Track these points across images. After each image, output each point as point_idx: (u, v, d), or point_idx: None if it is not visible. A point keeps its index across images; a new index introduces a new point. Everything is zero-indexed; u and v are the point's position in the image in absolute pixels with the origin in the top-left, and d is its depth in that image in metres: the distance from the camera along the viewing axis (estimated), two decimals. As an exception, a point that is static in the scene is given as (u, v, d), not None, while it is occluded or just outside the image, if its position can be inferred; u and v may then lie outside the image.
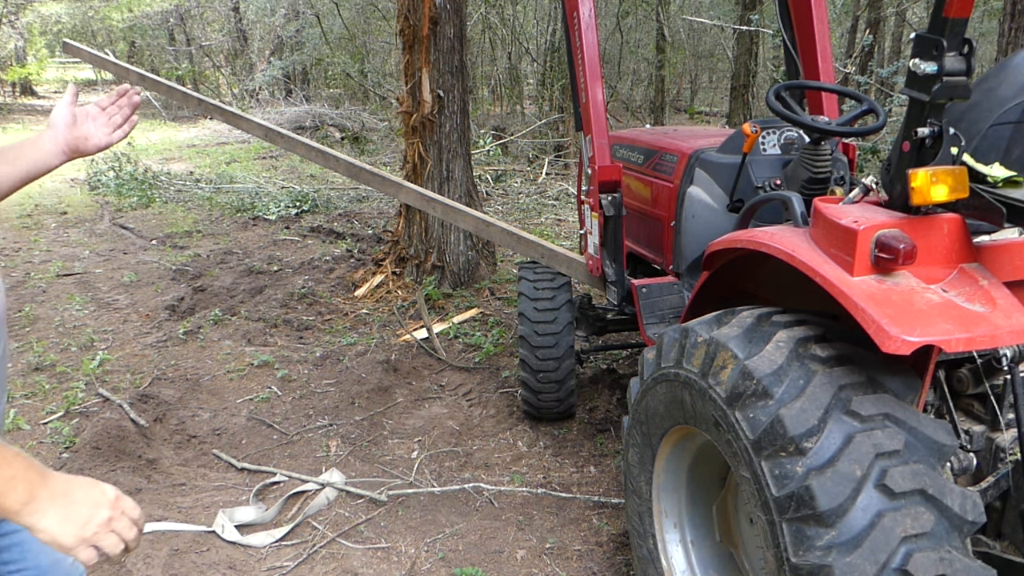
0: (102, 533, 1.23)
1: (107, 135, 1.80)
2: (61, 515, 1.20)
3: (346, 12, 15.03)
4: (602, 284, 3.53)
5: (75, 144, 1.77)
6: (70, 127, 1.76)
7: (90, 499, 1.24)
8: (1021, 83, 1.97)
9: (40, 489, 1.20)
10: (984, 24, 13.28)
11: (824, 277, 1.75)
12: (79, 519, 1.21)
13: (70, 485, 1.24)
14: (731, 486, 2.26)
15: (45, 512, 1.20)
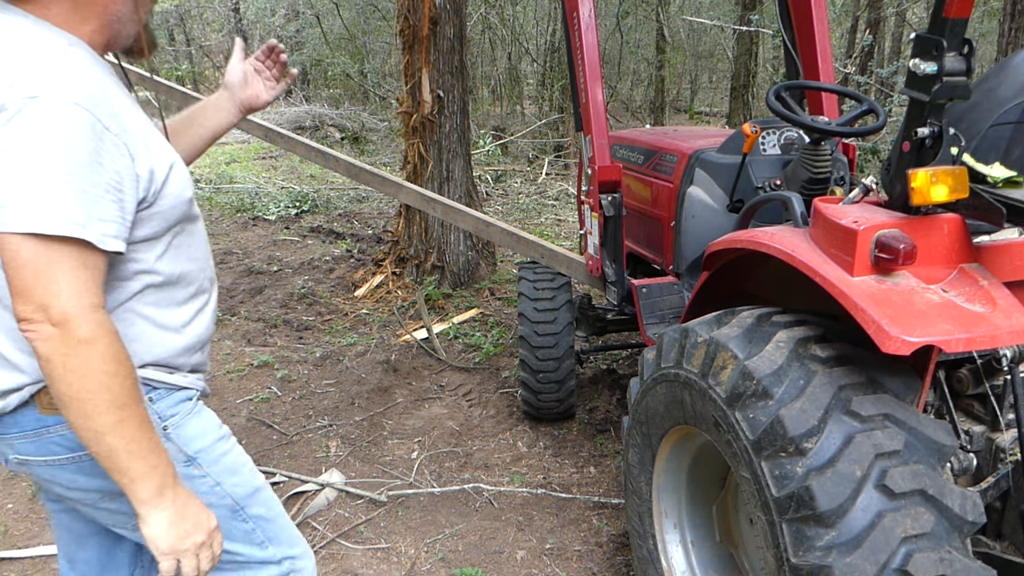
0: (190, 552, 1.33)
1: (270, 89, 1.92)
2: (170, 521, 1.30)
3: (346, 12, 15.03)
4: (602, 284, 3.53)
5: (248, 102, 1.90)
6: (243, 86, 1.88)
7: (197, 519, 1.34)
8: (1021, 83, 1.97)
9: (168, 489, 1.30)
10: (984, 24, 13.29)
11: (824, 277, 1.75)
12: (181, 532, 1.31)
13: (188, 499, 1.34)
14: (731, 486, 2.26)
15: (161, 512, 1.30)
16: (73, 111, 1.22)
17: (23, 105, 1.20)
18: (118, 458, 1.27)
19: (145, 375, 1.44)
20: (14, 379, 1.35)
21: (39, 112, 1.20)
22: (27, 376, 1.35)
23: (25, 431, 1.39)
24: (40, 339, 1.22)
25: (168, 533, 1.30)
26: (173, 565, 1.32)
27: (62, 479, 1.44)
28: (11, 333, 1.34)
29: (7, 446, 1.43)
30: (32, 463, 1.42)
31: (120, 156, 1.28)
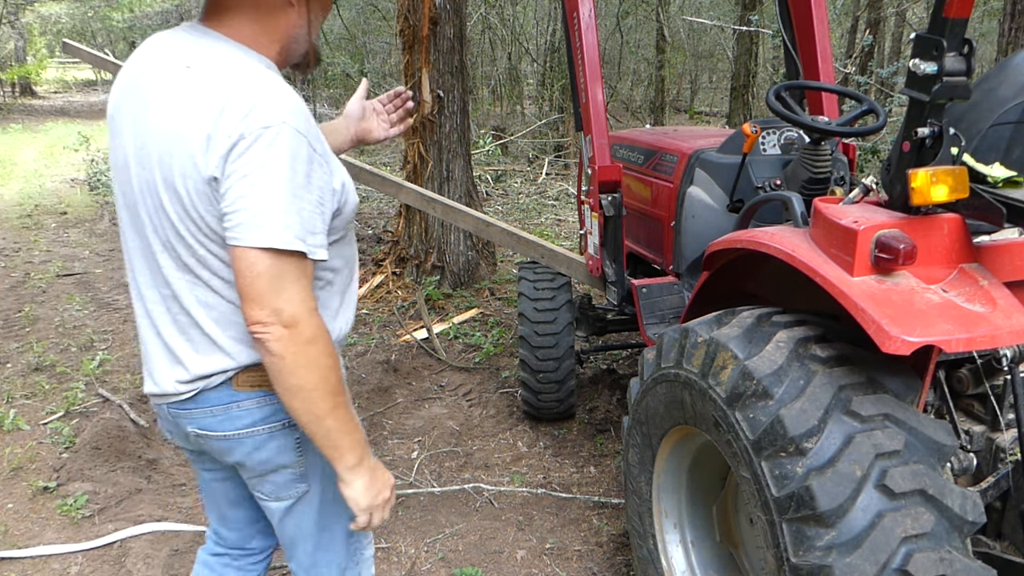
0: (379, 507, 1.58)
1: (385, 130, 2.08)
2: (366, 484, 1.54)
3: (346, 12, 15.02)
4: (602, 284, 3.53)
5: (361, 135, 2.06)
6: (359, 120, 2.04)
7: (385, 480, 1.59)
8: (1021, 83, 1.97)
9: (365, 459, 1.55)
10: (984, 24, 13.29)
11: (824, 277, 1.75)
12: (374, 492, 1.56)
13: (376, 465, 1.59)
14: (731, 486, 2.26)
15: (361, 477, 1.53)
16: (295, 138, 1.40)
17: (259, 134, 1.36)
18: (332, 436, 1.48)
19: None
20: (224, 363, 1.55)
21: (271, 140, 1.37)
22: (234, 361, 1.55)
23: (216, 407, 1.59)
24: (273, 339, 1.40)
25: (366, 493, 1.54)
26: (367, 518, 1.57)
27: (237, 452, 1.62)
28: (223, 324, 1.53)
29: (190, 421, 1.62)
30: (211, 436, 1.61)
31: (324, 174, 1.47)
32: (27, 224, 8.18)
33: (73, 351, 4.85)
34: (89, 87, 27.26)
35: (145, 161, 1.47)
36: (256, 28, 1.52)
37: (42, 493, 3.34)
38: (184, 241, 1.47)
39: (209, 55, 1.46)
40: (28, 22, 22.22)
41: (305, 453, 1.65)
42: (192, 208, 1.43)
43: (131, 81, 1.55)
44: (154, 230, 1.51)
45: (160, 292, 1.56)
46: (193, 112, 1.40)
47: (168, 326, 1.57)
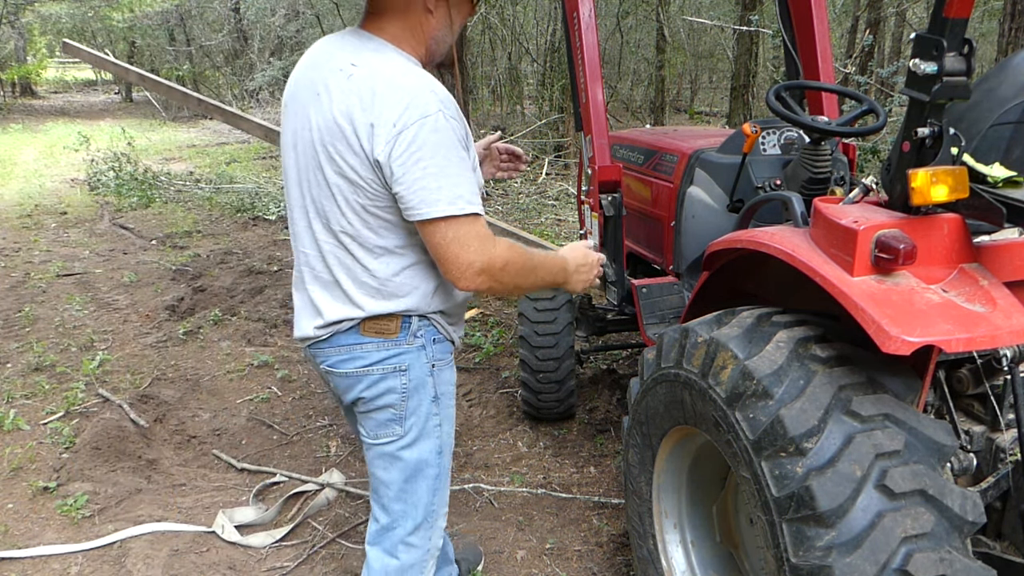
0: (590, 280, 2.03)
1: (492, 173, 2.40)
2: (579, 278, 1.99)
3: (346, 12, 15.03)
4: (602, 284, 3.53)
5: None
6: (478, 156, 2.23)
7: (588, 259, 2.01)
8: (1021, 83, 1.97)
9: (568, 265, 1.96)
10: (984, 24, 13.28)
11: (824, 277, 1.75)
12: (586, 281, 2.02)
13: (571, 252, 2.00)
14: (731, 486, 2.26)
15: (574, 276, 1.98)
16: (450, 123, 1.70)
17: (420, 123, 1.65)
18: (546, 284, 1.92)
19: (436, 318, 1.92)
20: (354, 312, 1.84)
21: (432, 127, 1.66)
22: (363, 312, 1.84)
23: (343, 347, 1.88)
24: (481, 287, 1.73)
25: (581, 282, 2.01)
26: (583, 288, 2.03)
27: (353, 388, 1.90)
28: (356, 281, 1.83)
29: (324, 359, 1.92)
30: (334, 374, 1.91)
31: (471, 152, 1.79)
32: (27, 224, 8.18)
33: (73, 351, 4.85)
34: (89, 87, 27.26)
35: (311, 142, 1.77)
36: (405, 32, 1.82)
37: (42, 493, 3.34)
38: (335, 211, 1.78)
39: (370, 54, 1.76)
40: (28, 22, 22.21)
41: (408, 400, 1.89)
42: (348, 184, 1.74)
43: (304, 74, 1.85)
44: (312, 200, 1.82)
45: (310, 252, 1.88)
46: (359, 104, 1.68)
47: (312, 281, 1.89)
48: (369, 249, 1.80)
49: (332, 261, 1.84)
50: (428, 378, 1.92)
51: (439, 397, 1.95)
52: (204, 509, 3.23)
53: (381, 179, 1.71)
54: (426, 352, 1.91)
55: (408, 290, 1.85)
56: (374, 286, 1.83)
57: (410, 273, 1.85)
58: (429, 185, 1.66)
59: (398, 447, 1.94)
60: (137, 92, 22.46)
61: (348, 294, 1.84)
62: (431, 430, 1.95)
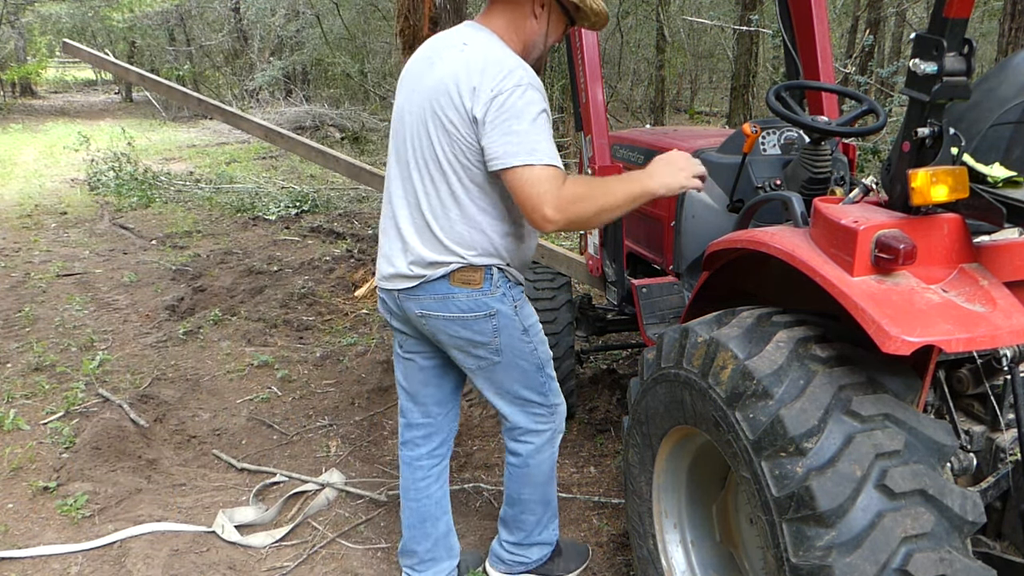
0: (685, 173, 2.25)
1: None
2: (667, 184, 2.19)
3: (346, 12, 15.03)
4: (602, 284, 3.53)
5: None
6: None
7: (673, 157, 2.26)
8: (1021, 83, 1.97)
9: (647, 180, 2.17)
10: (984, 24, 13.28)
11: (824, 277, 1.75)
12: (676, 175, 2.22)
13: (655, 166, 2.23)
14: (731, 486, 2.26)
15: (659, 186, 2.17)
16: (538, 93, 2.07)
17: (512, 90, 2.02)
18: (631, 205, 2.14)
19: (511, 270, 2.29)
20: (446, 259, 2.19)
21: (522, 94, 2.03)
22: (454, 260, 2.19)
23: (436, 295, 2.23)
24: (560, 224, 2.03)
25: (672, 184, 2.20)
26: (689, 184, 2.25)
27: (449, 329, 2.26)
28: (448, 231, 2.18)
29: (417, 303, 2.26)
30: (431, 316, 2.26)
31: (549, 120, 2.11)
32: (27, 224, 8.18)
33: (73, 351, 4.85)
34: (89, 87, 27.27)
35: (421, 102, 2.16)
36: (509, 29, 2.20)
37: (42, 493, 3.34)
38: (436, 163, 2.15)
39: (479, 39, 2.16)
40: (28, 22, 22.21)
41: (500, 337, 2.28)
42: (451, 138, 2.10)
43: (422, 52, 2.28)
44: (414, 153, 2.19)
45: (407, 200, 2.23)
46: (465, 71, 2.07)
47: (409, 227, 2.23)
48: (458, 200, 2.15)
49: (427, 210, 2.18)
50: (514, 317, 2.30)
51: (527, 329, 2.35)
52: (204, 509, 3.23)
53: (475, 135, 2.07)
54: (507, 296, 2.28)
55: (488, 243, 2.20)
56: (462, 236, 2.17)
57: (491, 228, 2.20)
58: (512, 140, 2.00)
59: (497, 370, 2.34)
60: (137, 92, 22.46)
61: (441, 241, 2.19)
62: (528, 355, 2.36)
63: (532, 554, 2.67)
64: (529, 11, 2.19)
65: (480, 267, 2.21)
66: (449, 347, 2.33)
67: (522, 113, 2.01)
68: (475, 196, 2.17)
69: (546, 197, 1.99)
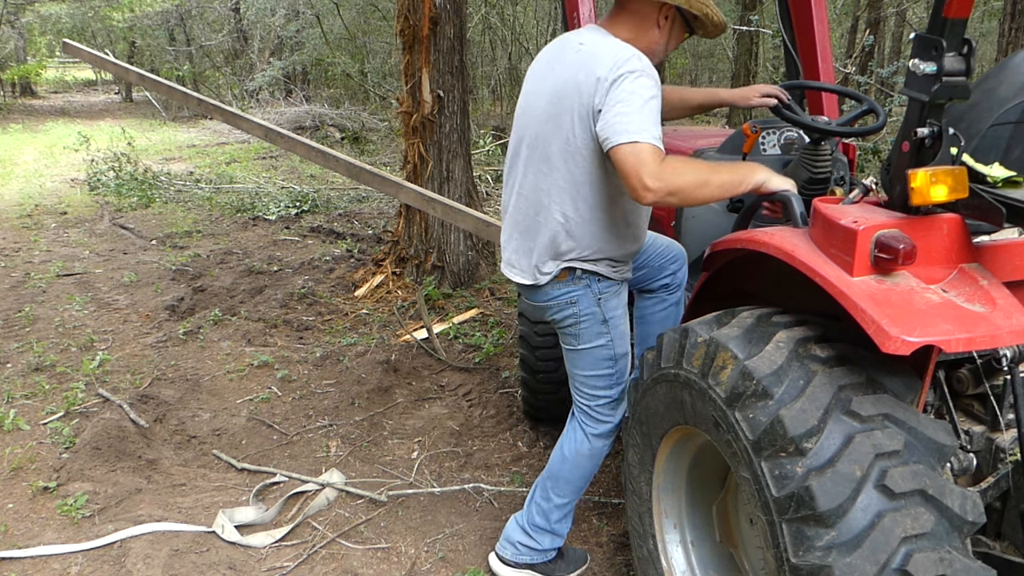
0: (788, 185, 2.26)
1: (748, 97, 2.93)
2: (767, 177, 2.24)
3: (346, 12, 15.02)
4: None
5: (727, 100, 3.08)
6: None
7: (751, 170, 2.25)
8: (1021, 83, 1.98)
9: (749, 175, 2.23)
10: (984, 24, 13.29)
11: (824, 277, 1.75)
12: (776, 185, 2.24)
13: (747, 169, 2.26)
14: (731, 486, 2.26)
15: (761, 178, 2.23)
16: (651, 80, 2.17)
17: (627, 76, 2.14)
18: (723, 191, 2.19)
19: (599, 268, 2.42)
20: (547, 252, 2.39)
21: (636, 78, 2.14)
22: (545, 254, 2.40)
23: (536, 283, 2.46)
24: (660, 196, 2.09)
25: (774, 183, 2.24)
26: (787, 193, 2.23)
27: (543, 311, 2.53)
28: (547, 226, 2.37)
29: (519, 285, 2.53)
30: (529, 299, 2.56)
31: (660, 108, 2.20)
32: (27, 224, 8.18)
33: (73, 351, 4.85)
34: (89, 87, 27.26)
35: (543, 103, 2.32)
36: (632, 34, 2.31)
37: (42, 493, 3.34)
38: (548, 161, 2.31)
39: (597, 39, 2.29)
40: (28, 22, 22.19)
41: (580, 324, 2.46)
42: (570, 132, 2.24)
43: (543, 55, 2.44)
44: (530, 148, 2.37)
45: (520, 194, 2.43)
46: (583, 66, 2.21)
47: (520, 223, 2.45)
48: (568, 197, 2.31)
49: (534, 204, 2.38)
50: (596, 308, 2.45)
51: (608, 320, 2.48)
52: (204, 509, 3.23)
53: (593, 129, 2.19)
54: (591, 289, 2.43)
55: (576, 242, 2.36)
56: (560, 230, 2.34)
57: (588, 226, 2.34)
58: (623, 120, 2.11)
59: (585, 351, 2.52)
60: (137, 92, 22.46)
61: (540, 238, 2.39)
62: (605, 346, 2.51)
63: (544, 542, 2.71)
64: (654, 21, 2.32)
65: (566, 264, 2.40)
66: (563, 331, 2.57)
67: (633, 97, 2.12)
68: (584, 194, 2.32)
69: (647, 167, 2.07)
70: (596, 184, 2.30)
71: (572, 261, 2.38)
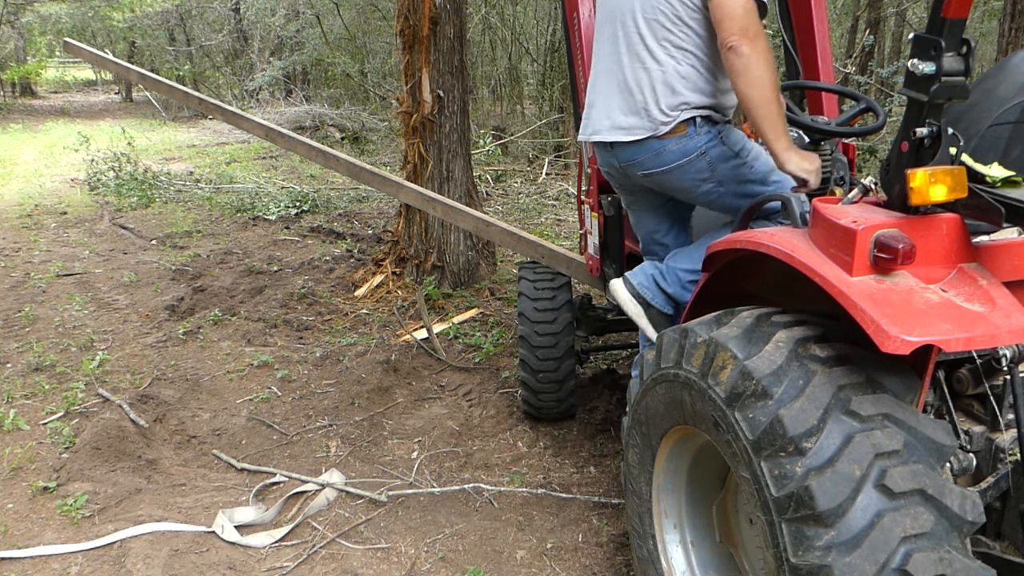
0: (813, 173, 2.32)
1: None
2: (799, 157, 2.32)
3: (346, 12, 15.02)
4: (602, 284, 3.53)
5: None
6: None
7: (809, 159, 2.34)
8: (1020, 83, 1.98)
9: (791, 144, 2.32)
10: (984, 24, 13.28)
11: (823, 277, 1.75)
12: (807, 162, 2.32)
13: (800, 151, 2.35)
14: (731, 486, 2.26)
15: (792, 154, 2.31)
16: None
17: None
18: (774, 119, 2.26)
19: (711, 113, 2.46)
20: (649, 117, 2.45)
21: None
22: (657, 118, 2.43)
23: (649, 151, 2.48)
24: (745, 45, 2.20)
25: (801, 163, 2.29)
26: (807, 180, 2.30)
27: (667, 177, 2.52)
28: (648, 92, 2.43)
29: (627, 157, 2.55)
30: (653, 174, 2.53)
31: None
32: (27, 224, 8.18)
33: (73, 351, 4.85)
34: (89, 87, 27.26)
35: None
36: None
37: (42, 493, 3.35)
38: (638, 31, 2.42)
39: None
40: (28, 22, 22.19)
41: (716, 169, 2.46)
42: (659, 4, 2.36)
43: None
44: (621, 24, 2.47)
45: (612, 66, 2.51)
46: None
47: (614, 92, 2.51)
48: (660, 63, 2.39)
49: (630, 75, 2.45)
50: (722, 147, 2.46)
51: (739, 152, 2.49)
52: (204, 509, 3.24)
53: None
54: (710, 132, 2.45)
55: (691, 90, 2.40)
56: (667, 87, 2.39)
57: (694, 75, 2.40)
58: None
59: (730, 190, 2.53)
60: (137, 92, 22.47)
61: (645, 102, 2.43)
62: (749, 173, 2.51)
63: (669, 287, 2.74)
64: None
65: (684, 115, 2.43)
66: (676, 193, 2.61)
67: None
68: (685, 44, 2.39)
69: (742, 22, 2.19)
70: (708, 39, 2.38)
71: (688, 110, 2.41)
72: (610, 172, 2.72)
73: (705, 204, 2.64)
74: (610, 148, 2.59)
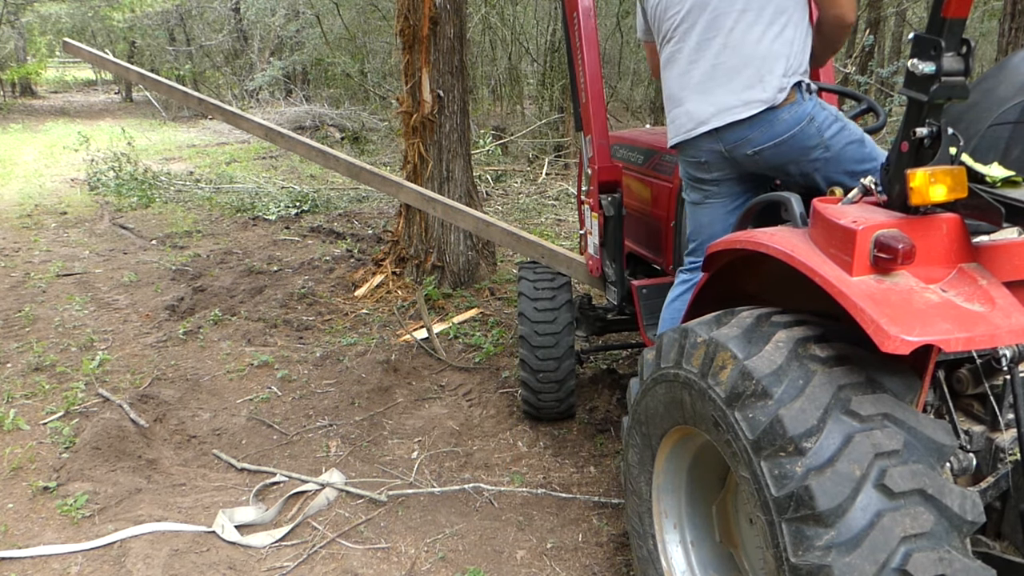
0: None
1: None
2: None
3: (346, 12, 15.02)
4: (602, 284, 3.53)
5: None
6: None
7: None
8: (1020, 83, 1.98)
9: None
10: (984, 24, 13.28)
11: (823, 277, 1.75)
12: None
13: None
14: (731, 486, 2.26)
15: None
16: None
17: None
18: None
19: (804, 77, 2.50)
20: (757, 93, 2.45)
21: None
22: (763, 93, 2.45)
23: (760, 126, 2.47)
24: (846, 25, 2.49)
25: None
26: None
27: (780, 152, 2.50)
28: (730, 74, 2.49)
29: (737, 138, 2.52)
30: (764, 150, 2.51)
31: None
32: (27, 224, 8.18)
33: (73, 351, 4.85)
34: (89, 87, 27.27)
35: None
36: None
37: (42, 493, 3.35)
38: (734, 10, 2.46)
39: None
40: (28, 22, 22.19)
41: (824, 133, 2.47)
42: None
43: None
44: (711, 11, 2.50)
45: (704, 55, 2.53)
46: None
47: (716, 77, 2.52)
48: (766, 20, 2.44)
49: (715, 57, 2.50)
50: (824, 111, 2.49)
51: (836, 114, 2.53)
52: (204, 509, 3.24)
53: None
54: (812, 96, 2.49)
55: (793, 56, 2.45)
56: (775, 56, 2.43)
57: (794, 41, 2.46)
58: None
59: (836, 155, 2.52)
60: (137, 92, 22.47)
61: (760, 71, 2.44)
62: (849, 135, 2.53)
63: None
64: None
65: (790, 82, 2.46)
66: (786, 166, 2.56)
67: None
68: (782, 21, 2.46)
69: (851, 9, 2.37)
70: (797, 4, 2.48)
71: (795, 76, 2.45)
72: (707, 161, 2.65)
73: (809, 174, 2.57)
74: (714, 135, 2.55)
